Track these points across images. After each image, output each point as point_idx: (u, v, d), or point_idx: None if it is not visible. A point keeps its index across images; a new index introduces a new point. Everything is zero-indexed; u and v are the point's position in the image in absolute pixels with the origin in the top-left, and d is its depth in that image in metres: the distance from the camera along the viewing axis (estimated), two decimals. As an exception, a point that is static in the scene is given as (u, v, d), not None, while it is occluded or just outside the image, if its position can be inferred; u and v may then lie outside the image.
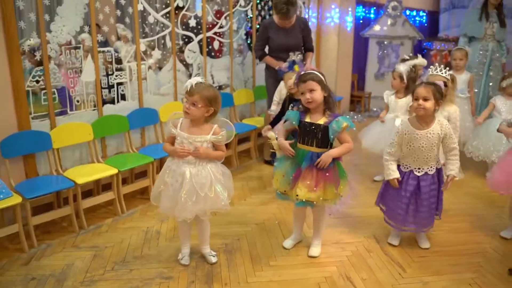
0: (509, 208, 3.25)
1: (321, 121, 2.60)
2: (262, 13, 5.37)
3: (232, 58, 4.92)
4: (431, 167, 2.84)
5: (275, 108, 4.04)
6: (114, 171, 3.41)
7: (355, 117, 6.70)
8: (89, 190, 3.60)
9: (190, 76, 4.48)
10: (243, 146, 4.72)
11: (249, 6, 5.10)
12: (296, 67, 3.67)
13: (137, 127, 3.98)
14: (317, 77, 2.58)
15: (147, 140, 4.13)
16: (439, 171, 2.89)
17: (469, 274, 2.74)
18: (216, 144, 2.54)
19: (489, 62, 5.57)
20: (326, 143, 2.63)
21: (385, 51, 7.25)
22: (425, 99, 2.65)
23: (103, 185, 3.67)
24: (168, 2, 4.16)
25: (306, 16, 6.25)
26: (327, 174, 2.60)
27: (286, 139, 2.74)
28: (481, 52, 5.57)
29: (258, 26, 5.55)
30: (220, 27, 4.75)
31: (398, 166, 2.90)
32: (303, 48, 4.57)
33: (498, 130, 3.15)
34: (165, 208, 2.59)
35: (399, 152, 2.88)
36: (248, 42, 5.23)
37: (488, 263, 2.87)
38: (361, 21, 7.67)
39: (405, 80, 3.86)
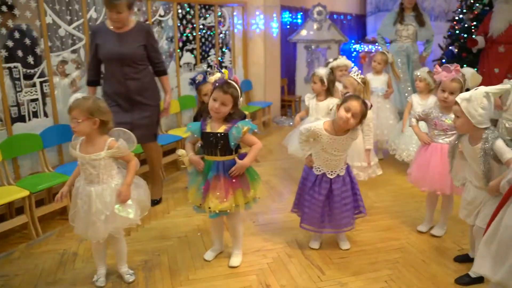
0: (426, 202, 3.36)
1: (221, 129, 2.57)
2: (184, 21, 5.33)
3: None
4: (342, 168, 2.90)
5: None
6: (25, 193, 3.22)
7: (286, 121, 6.77)
8: (2, 215, 3.39)
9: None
10: (169, 157, 4.62)
11: (170, 15, 5.03)
12: (225, 72, 3.45)
13: (52, 145, 3.80)
14: (235, 93, 2.55)
15: (65, 157, 3.96)
16: (348, 169, 2.96)
17: (386, 272, 2.81)
18: (119, 157, 2.46)
19: (409, 63, 5.82)
20: (231, 150, 2.61)
21: (313, 55, 7.40)
22: (353, 116, 2.69)
23: (17, 208, 3.46)
24: (80, 13, 4.02)
25: (231, 23, 6.27)
26: (234, 181, 2.58)
27: (198, 152, 2.71)
28: (401, 53, 5.82)
29: (181, 35, 5.49)
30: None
31: (311, 169, 2.94)
32: (153, 69, 3.64)
33: (410, 125, 3.30)
34: (80, 230, 2.51)
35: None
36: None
37: (404, 258, 2.96)
38: (288, 27, 7.80)
39: (326, 83, 3.92)
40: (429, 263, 2.90)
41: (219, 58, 6.08)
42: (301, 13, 8.13)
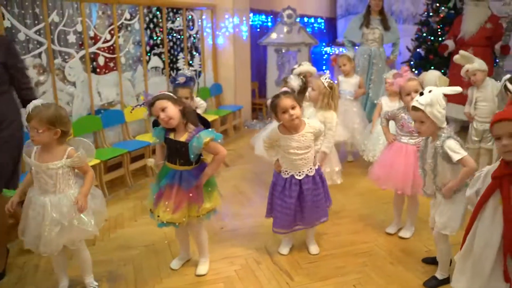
0: (393, 204, 3.38)
1: (183, 138, 2.50)
2: (151, 25, 5.25)
3: (120, 74, 4.72)
4: (310, 168, 2.88)
5: None
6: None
7: (257, 125, 6.74)
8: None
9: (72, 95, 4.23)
10: (137, 163, 4.53)
11: (137, 19, 4.94)
12: (141, 97, 3.30)
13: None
14: (163, 96, 2.49)
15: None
16: (318, 170, 2.95)
17: (354, 276, 2.80)
18: (77, 167, 2.38)
19: (371, 66, 5.88)
20: (191, 161, 2.54)
21: (283, 58, 7.41)
22: (293, 107, 2.68)
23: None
24: (41, 17, 3.90)
25: (200, 27, 6.21)
26: (191, 194, 2.51)
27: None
28: (365, 56, 5.87)
29: (149, 39, 5.42)
30: (105, 41, 4.54)
31: (280, 173, 2.91)
32: (18, 97, 2.91)
33: (381, 125, 3.35)
34: (30, 243, 2.39)
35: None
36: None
37: (372, 262, 2.96)
38: (258, 30, 7.79)
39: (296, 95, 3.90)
40: (397, 265, 2.91)
41: (189, 62, 6.01)
42: (271, 16, 8.13)
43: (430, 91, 2.38)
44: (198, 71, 6.21)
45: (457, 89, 2.42)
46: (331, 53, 9.64)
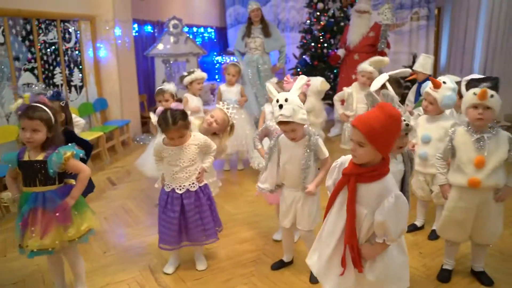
0: (275, 210, 3.40)
1: (40, 156, 2.31)
2: (19, 38, 4.83)
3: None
4: (193, 183, 2.81)
5: None
6: None
7: (147, 139, 6.51)
8: None
9: None
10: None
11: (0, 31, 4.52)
12: (25, 96, 2.95)
13: None
14: (45, 116, 2.29)
15: None
16: (204, 188, 2.88)
17: (240, 287, 2.77)
18: None
19: (258, 73, 6.00)
20: (52, 180, 2.34)
21: (172, 69, 7.27)
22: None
23: None
24: None
25: (78, 39, 5.86)
26: (57, 214, 2.31)
27: None
28: (253, 65, 5.98)
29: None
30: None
31: (163, 187, 2.81)
32: None
33: (255, 148, 3.33)
34: None
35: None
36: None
37: (259, 270, 2.96)
38: (144, 41, 7.58)
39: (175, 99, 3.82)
40: (283, 271, 2.93)
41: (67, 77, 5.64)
42: (158, 26, 7.96)
43: (286, 100, 2.42)
44: (79, 86, 5.86)
45: (302, 82, 2.55)
46: (222, 62, 9.69)
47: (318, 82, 4.76)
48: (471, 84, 2.54)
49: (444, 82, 2.97)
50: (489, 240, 2.69)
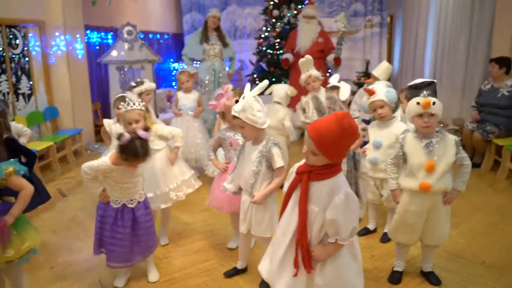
0: (230, 219, 3.38)
1: None
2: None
3: None
4: (141, 194, 2.76)
5: None
6: None
7: (101, 148, 6.35)
8: None
9: None
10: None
11: None
12: None
13: None
14: None
15: None
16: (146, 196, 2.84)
17: (193, 298, 2.73)
18: None
19: (218, 80, 5.95)
20: None
21: (126, 76, 7.12)
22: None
23: None
24: None
25: (26, 45, 5.66)
26: None
27: None
28: (210, 71, 5.91)
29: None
30: None
31: (108, 204, 2.72)
32: None
33: (209, 159, 3.33)
34: None
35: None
36: None
37: (213, 280, 2.92)
38: (98, 47, 7.41)
39: None
40: (237, 280, 2.91)
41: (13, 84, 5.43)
42: (112, 33, 7.80)
43: (243, 97, 2.48)
44: (27, 94, 5.65)
45: (264, 84, 2.55)
46: (179, 69, 9.60)
47: (286, 88, 4.74)
48: (412, 93, 2.60)
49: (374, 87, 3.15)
50: (439, 242, 2.76)
